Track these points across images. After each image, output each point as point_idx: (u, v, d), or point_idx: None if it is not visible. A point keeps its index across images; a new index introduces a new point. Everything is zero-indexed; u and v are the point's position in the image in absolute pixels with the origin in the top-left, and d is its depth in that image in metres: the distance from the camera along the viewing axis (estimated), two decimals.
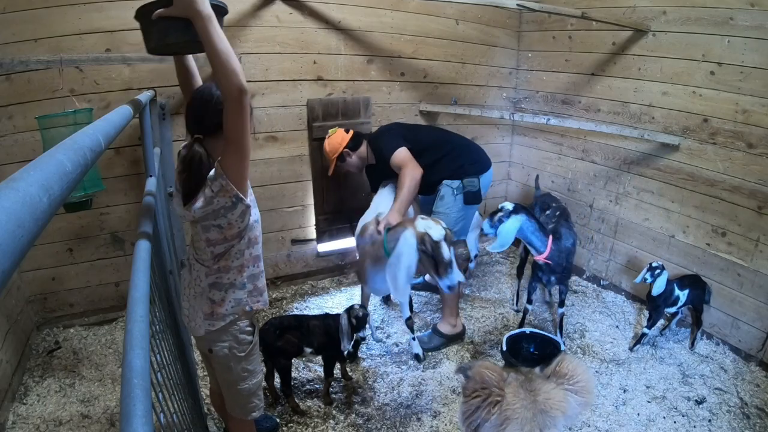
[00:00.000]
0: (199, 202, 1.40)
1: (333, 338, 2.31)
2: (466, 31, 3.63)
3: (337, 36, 3.19)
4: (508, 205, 2.49)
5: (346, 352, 2.37)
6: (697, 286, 2.77)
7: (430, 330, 2.94)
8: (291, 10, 3.01)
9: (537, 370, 1.58)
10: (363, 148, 2.87)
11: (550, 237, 2.58)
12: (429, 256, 2.16)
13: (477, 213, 3.11)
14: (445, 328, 2.88)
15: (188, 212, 1.44)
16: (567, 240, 2.68)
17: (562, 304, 2.89)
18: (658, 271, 2.68)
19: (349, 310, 2.36)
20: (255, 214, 1.55)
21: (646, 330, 2.80)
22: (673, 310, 2.80)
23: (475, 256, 3.64)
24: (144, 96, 1.81)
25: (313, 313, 2.90)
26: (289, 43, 3.06)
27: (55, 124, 2.15)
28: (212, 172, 1.39)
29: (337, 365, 2.49)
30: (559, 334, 2.84)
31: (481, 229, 2.61)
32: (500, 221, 2.47)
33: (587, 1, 3.30)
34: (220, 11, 1.43)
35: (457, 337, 2.90)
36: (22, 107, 2.52)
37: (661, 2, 2.91)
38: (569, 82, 3.59)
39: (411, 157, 2.68)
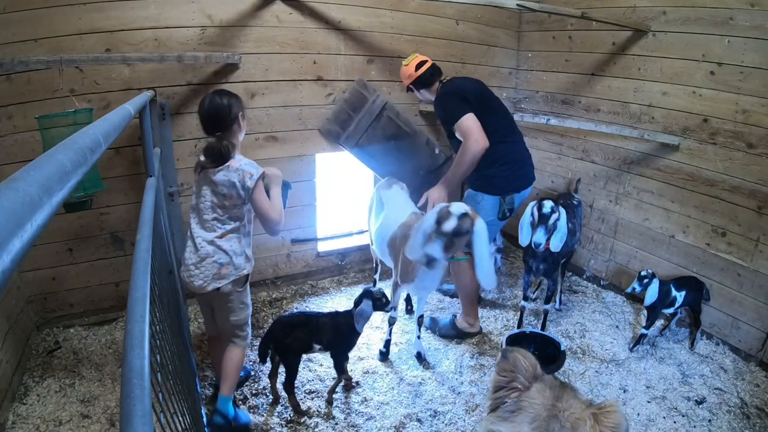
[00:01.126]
0: (220, 176, 1.96)
1: (342, 336, 2.34)
2: (466, 31, 3.63)
3: (337, 36, 3.19)
4: (548, 205, 2.57)
5: (380, 355, 2.70)
6: (694, 287, 2.78)
7: (450, 317, 3.00)
8: (291, 10, 3.01)
9: (581, 395, 1.58)
10: (436, 87, 2.79)
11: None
12: (440, 230, 2.16)
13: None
14: (462, 324, 2.93)
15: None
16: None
17: (547, 300, 2.94)
18: (647, 280, 2.72)
19: (369, 293, 2.38)
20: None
21: (644, 331, 2.80)
22: (671, 311, 2.81)
23: (499, 249, 3.68)
24: (144, 96, 1.82)
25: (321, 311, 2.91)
26: (289, 43, 3.06)
27: (55, 124, 2.15)
28: (246, 187, 1.95)
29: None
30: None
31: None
32: (554, 225, 2.57)
33: (587, 1, 3.30)
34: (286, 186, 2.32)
35: (470, 335, 2.94)
36: (22, 107, 2.52)
37: (661, 2, 2.91)
38: (569, 82, 3.59)
39: (479, 126, 2.52)
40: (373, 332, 2.99)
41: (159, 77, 2.77)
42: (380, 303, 2.37)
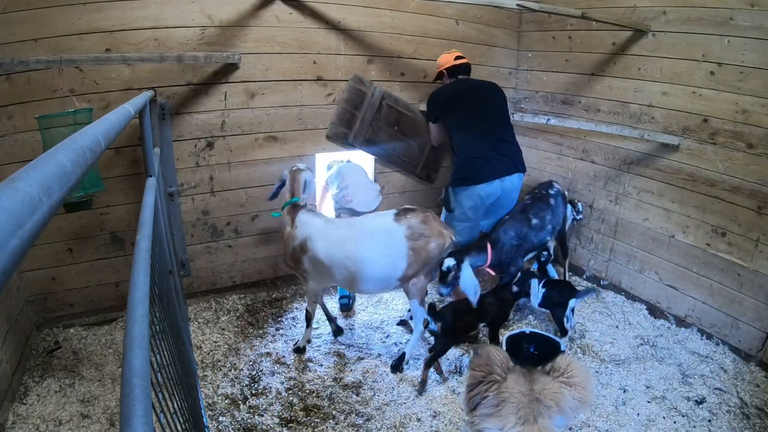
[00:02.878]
0: None
1: (504, 308, 2.69)
2: (466, 31, 3.63)
3: (337, 36, 3.19)
4: (450, 261, 2.47)
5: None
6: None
7: None
8: (291, 10, 3.01)
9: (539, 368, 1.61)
10: (448, 81, 3.11)
11: (489, 245, 2.73)
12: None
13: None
14: None
15: None
16: (507, 235, 2.81)
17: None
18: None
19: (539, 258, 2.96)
20: None
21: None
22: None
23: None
24: (144, 96, 1.81)
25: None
26: (289, 43, 3.06)
27: (55, 124, 2.15)
28: None
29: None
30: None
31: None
32: (456, 278, 2.50)
33: (587, 1, 3.30)
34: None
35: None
36: (22, 107, 2.52)
37: (661, 2, 2.91)
38: (569, 82, 3.58)
39: (435, 130, 3.19)
40: (373, 332, 2.99)
41: (159, 77, 2.77)
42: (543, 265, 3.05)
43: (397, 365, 2.62)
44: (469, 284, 2.47)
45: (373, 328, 3.03)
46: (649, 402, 2.42)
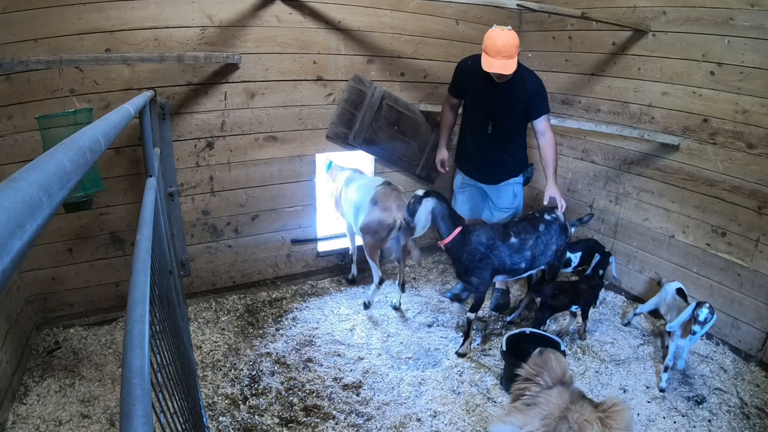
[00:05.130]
0: None
1: (595, 293, 2.92)
2: (467, 31, 3.63)
3: (337, 36, 3.19)
4: (419, 192, 2.65)
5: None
6: (589, 249, 3.17)
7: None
8: (291, 10, 3.01)
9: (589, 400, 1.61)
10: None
11: (459, 228, 2.64)
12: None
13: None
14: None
15: None
16: (477, 237, 2.63)
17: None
18: None
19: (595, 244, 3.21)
20: None
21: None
22: (569, 270, 3.21)
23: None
24: (144, 96, 1.81)
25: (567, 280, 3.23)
26: (289, 43, 3.06)
27: (55, 124, 2.15)
28: None
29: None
30: (468, 340, 2.81)
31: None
32: (414, 208, 2.60)
33: (587, 1, 3.30)
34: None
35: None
36: (22, 107, 2.52)
37: (661, 2, 2.91)
38: (569, 82, 3.58)
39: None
40: (373, 332, 2.99)
41: (159, 77, 2.77)
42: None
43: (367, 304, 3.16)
44: (421, 219, 2.60)
45: (373, 328, 3.03)
46: (649, 402, 2.42)
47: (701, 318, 2.32)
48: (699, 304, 2.36)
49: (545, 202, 2.79)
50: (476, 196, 3.10)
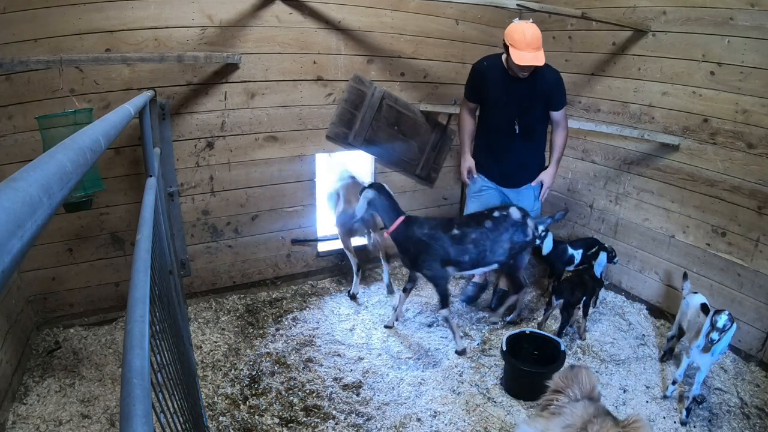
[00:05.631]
0: None
1: (597, 288, 3.07)
2: (466, 31, 3.63)
3: (337, 36, 3.19)
4: (367, 185, 2.82)
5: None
6: (590, 247, 3.19)
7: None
8: (291, 10, 3.01)
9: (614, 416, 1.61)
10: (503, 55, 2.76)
11: (401, 218, 2.74)
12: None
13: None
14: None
15: None
16: (420, 226, 2.73)
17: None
18: (543, 234, 2.91)
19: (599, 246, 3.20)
20: None
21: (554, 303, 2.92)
22: (570, 269, 3.21)
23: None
24: (144, 96, 1.81)
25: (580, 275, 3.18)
26: (289, 43, 3.06)
27: (55, 124, 2.15)
28: None
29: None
30: (457, 335, 2.84)
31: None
32: (363, 199, 2.78)
33: (587, 1, 3.30)
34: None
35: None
36: (22, 107, 2.52)
37: (661, 2, 2.91)
38: (569, 82, 3.56)
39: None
40: (373, 332, 2.99)
41: (159, 77, 2.77)
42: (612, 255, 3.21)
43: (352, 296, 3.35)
44: (359, 208, 2.78)
45: (373, 328, 3.03)
46: (648, 402, 2.42)
47: (720, 324, 2.14)
48: (717, 312, 2.19)
49: (533, 182, 2.92)
50: (493, 200, 3.01)
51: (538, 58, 2.47)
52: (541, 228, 2.88)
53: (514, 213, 2.78)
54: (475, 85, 2.85)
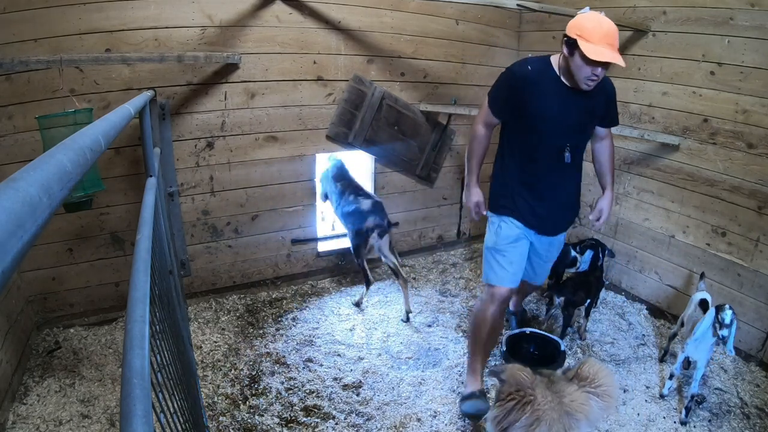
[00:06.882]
0: None
1: (599, 289, 3.07)
2: (466, 31, 3.63)
3: (337, 36, 3.19)
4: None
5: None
6: (595, 248, 3.11)
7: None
8: (291, 10, 3.01)
9: (559, 372, 1.59)
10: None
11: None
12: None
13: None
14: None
15: None
16: (346, 207, 3.13)
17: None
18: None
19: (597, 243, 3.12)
20: None
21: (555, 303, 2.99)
22: (572, 270, 3.11)
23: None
24: (144, 96, 1.81)
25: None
26: (289, 43, 3.06)
27: (55, 124, 2.15)
28: None
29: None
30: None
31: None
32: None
33: (587, 1, 3.29)
34: None
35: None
36: (22, 107, 2.52)
37: (661, 2, 2.91)
38: None
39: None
40: (373, 332, 2.99)
41: (159, 77, 2.77)
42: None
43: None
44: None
45: (373, 328, 3.03)
46: (648, 402, 2.42)
47: (727, 320, 2.08)
48: (719, 308, 2.13)
49: (591, 216, 2.31)
50: (525, 253, 2.28)
51: (617, 57, 1.80)
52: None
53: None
54: (511, 95, 2.07)
